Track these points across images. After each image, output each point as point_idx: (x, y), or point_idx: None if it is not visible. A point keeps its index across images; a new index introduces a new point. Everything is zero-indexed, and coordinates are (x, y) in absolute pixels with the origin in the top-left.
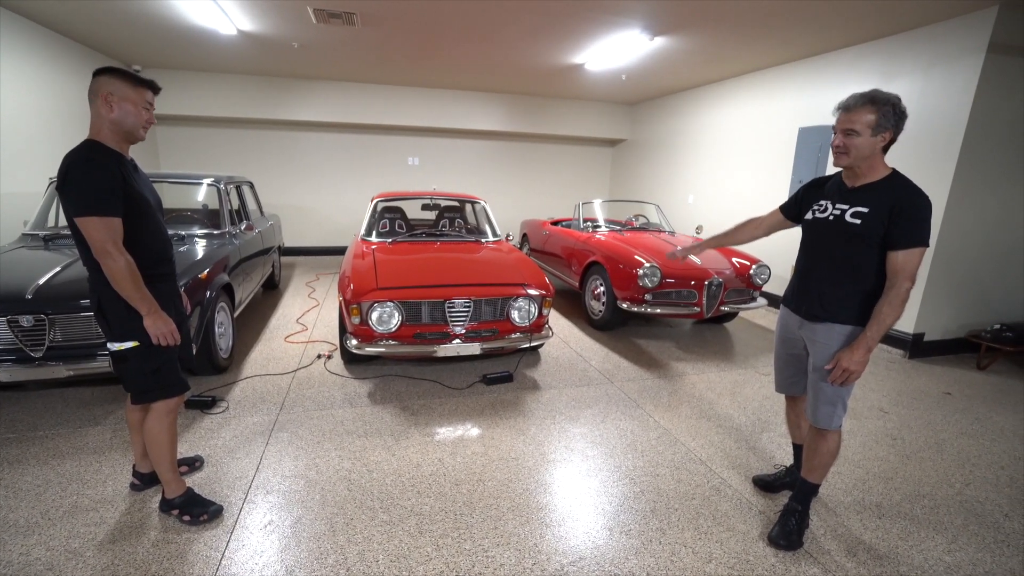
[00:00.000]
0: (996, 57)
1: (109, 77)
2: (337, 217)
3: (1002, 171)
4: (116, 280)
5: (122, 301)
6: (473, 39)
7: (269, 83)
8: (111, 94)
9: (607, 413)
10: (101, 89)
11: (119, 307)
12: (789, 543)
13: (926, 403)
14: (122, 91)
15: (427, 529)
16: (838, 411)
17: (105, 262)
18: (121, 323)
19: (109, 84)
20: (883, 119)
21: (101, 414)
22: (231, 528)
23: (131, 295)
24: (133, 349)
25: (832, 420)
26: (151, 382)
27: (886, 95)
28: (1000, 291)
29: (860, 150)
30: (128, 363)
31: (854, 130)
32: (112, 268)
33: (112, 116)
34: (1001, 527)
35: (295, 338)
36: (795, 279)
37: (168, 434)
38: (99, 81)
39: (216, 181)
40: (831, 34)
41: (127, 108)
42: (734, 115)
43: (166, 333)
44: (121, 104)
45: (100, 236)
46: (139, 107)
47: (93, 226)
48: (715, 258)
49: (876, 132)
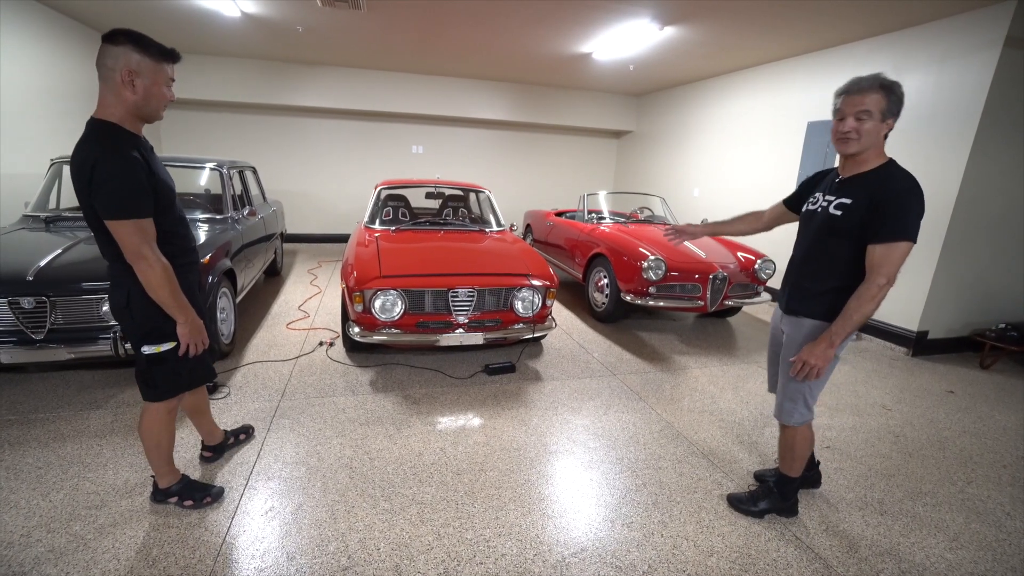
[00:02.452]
0: (1013, 51)
1: (128, 49)
2: (340, 204)
3: (1013, 169)
4: (153, 287)
5: (154, 301)
6: (480, 25)
7: (272, 68)
8: (134, 73)
9: (609, 405)
10: (120, 64)
11: (152, 307)
12: (737, 506)
13: (929, 401)
14: (146, 68)
15: (428, 518)
16: (799, 408)
17: (140, 267)
18: (154, 323)
19: (129, 58)
20: (893, 104)
21: (102, 397)
22: (232, 514)
23: (168, 302)
24: (172, 350)
25: (792, 416)
26: (185, 379)
27: (891, 80)
28: (1006, 290)
29: (871, 135)
30: (166, 364)
31: (868, 111)
32: (149, 275)
33: (135, 99)
34: (1003, 526)
35: (297, 325)
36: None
37: (170, 431)
38: (115, 53)
39: (219, 165)
40: (844, 26)
41: (152, 90)
42: (742, 108)
43: (199, 341)
44: (145, 84)
45: (135, 240)
46: (162, 86)
47: (127, 230)
48: (720, 252)
49: (885, 117)
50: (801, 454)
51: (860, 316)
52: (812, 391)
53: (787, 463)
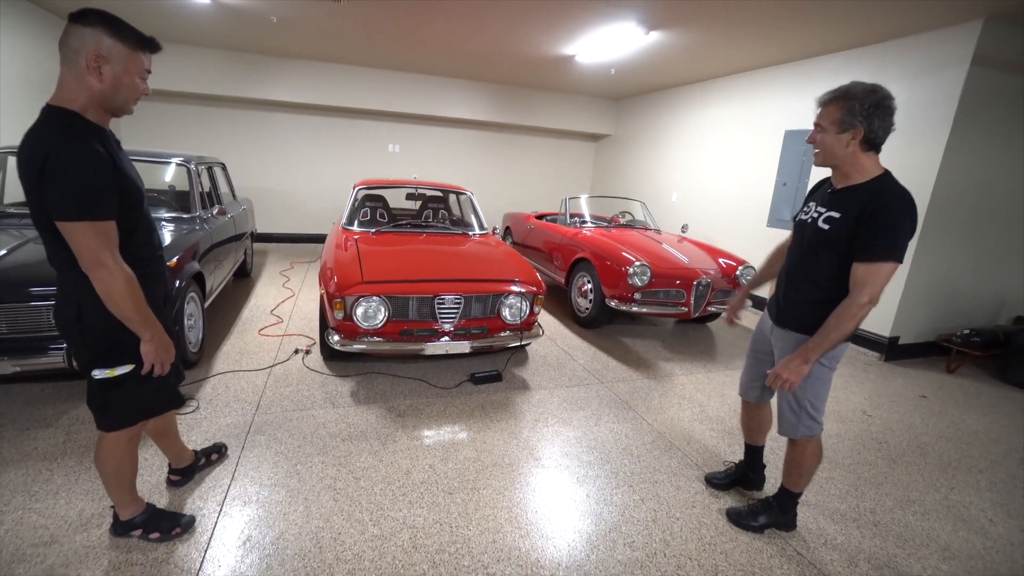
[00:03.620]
0: (979, 69)
1: (100, 32)
2: (312, 202)
3: (978, 179)
4: (114, 299)
5: (113, 315)
6: (464, 21)
7: (244, 59)
8: (103, 59)
9: (600, 415)
10: (86, 47)
11: (107, 322)
12: (737, 521)
13: (904, 406)
14: (119, 55)
15: (422, 544)
16: (803, 420)
17: (98, 276)
18: (109, 341)
19: (100, 42)
20: (847, 115)
21: (53, 414)
22: (205, 546)
23: (131, 317)
24: (130, 373)
25: (797, 429)
26: (145, 406)
27: (861, 88)
28: (969, 297)
29: (828, 148)
30: (123, 388)
31: (821, 125)
32: (109, 285)
33: (101, 87)
34: (988, 533)
35: (270, 331)
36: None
37: (132, 459)
38: (83, 34)
39: (186, 161)
40: (822, 36)
41: (122, 80)
42: (720, 115)
43: (167, 361)
44: (114, 72)
45: (92, 245)
46: (135, 76)
47: (83, 233)
48: (702, 258)
49: (842, 129)
50: (809, 470)
51: (838, 334)
52: (814, 402)
53: (793, 479)
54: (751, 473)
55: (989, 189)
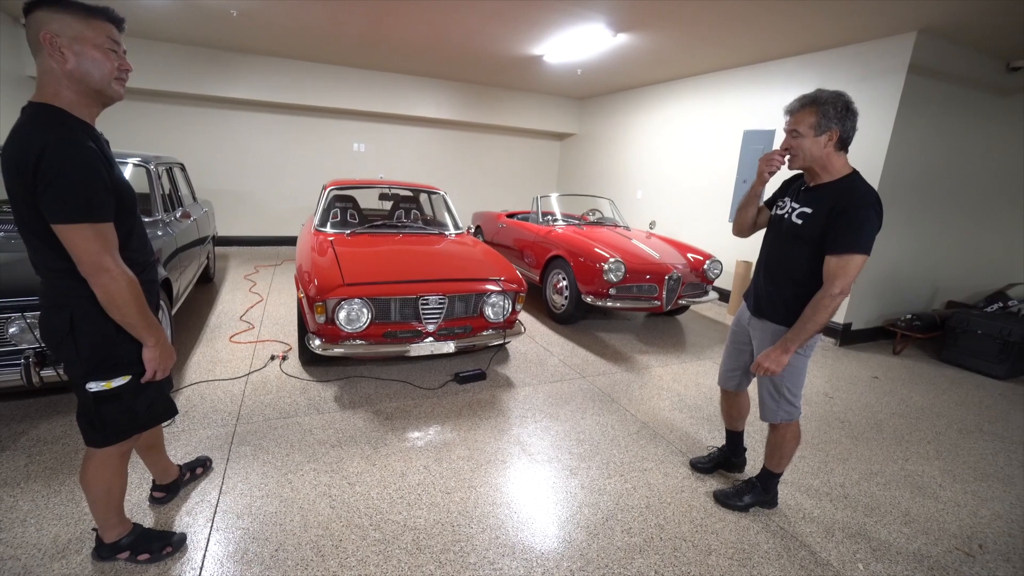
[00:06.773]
0: (915, 78)
1: (44, 12)
2: (275, 204)
3: (917, 178)
4: (117, 305)
5: (109, 324)
6: (432, 19)
7: (202, 54)
8: (56, 36)
9: (585, 409)
10: (39, 31)
11: (103, 331)
12: (724, 502)
13: (860, 387)
14: (69, 28)
15: (425, 545)
16: (782, 406)
17: (101, 281)
18: (105, 352)
19: (48, 22)
20: (823, 118)
21: (8, 436)
22: (199, 564)
23: (134, 322)
24: (127, 384)
25: (777, 414)
26: (142, 418)
27: (828, 94)
28: (911, 285)
29: (807, 151)
30: (120, 402)
31: (798, 131)
32: (112, 290)
33: (68, 67)
34: (939, 497)
35: (241, 338)
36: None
37: (122, 477)
38: (34, 21)
39: (145, 161)
40: (776, 42)
41: (87, 53)
42: (682, 115)
43: (168, 367)
44: (75, 48)
45: (93, 248)
46: (102, 49)
47: (84, 236)
48: (672, 254)
49: (820, 132)
50: (789, 452)
51: (814, 325)
52: (792, 389)
53: (775, 461)
54: (733, 457)
55: (925, 185)
